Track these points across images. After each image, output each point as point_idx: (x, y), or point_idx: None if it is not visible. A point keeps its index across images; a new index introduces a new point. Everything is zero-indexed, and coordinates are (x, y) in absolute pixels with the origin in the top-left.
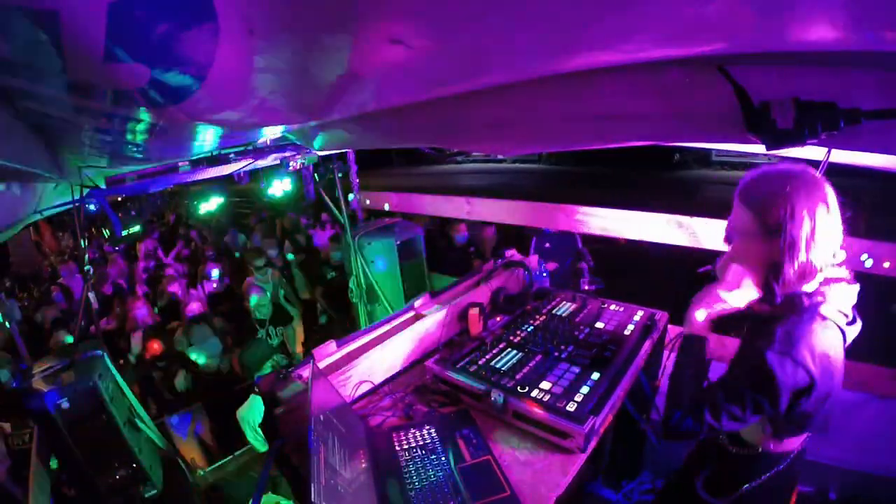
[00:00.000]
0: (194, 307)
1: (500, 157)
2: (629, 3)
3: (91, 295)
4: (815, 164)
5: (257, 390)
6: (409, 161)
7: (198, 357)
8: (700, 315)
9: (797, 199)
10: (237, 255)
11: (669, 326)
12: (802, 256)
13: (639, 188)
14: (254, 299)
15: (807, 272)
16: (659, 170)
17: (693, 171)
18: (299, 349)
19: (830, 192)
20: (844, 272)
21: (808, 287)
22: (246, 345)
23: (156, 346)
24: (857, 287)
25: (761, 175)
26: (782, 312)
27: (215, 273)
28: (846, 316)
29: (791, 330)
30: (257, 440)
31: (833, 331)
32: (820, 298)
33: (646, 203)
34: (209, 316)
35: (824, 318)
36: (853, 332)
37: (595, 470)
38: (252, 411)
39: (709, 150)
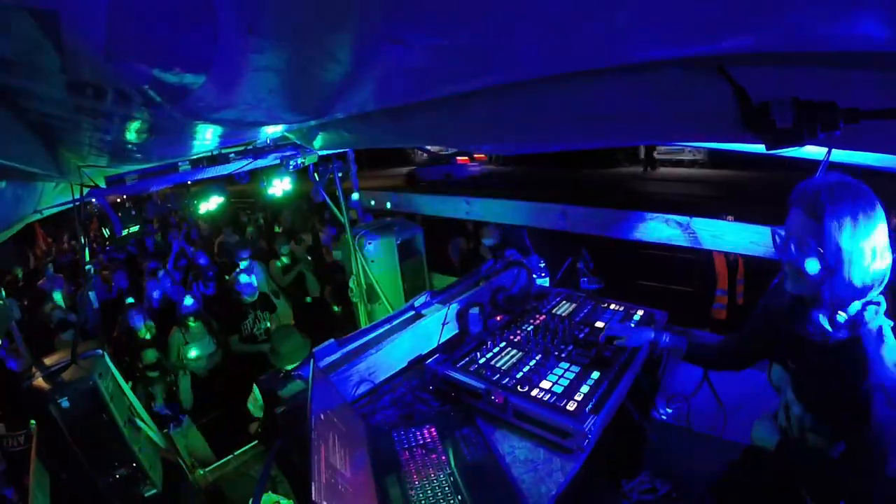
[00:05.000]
0: (190, 305)
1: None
2: (629, 2)
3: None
4: (815, 163)
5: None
6: (372, 164)
7: (195, 358)
8: None
9: None
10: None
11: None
12: None
13: (581, 187)
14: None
15: None
16: (597, 168)
17: (625, 169)
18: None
19: None
20: None
21: None
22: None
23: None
24: None
25: None
26: None
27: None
28: None
29: None
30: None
31: None
32: None
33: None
34: (205, 314)
35: None
36: None
37: (595, 469)
38: None
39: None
